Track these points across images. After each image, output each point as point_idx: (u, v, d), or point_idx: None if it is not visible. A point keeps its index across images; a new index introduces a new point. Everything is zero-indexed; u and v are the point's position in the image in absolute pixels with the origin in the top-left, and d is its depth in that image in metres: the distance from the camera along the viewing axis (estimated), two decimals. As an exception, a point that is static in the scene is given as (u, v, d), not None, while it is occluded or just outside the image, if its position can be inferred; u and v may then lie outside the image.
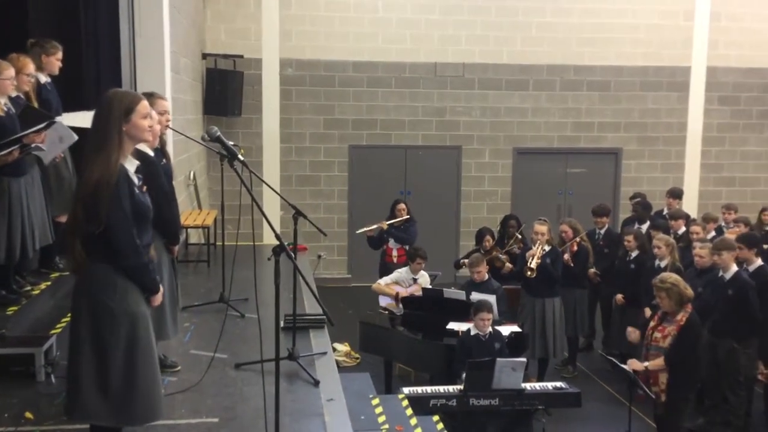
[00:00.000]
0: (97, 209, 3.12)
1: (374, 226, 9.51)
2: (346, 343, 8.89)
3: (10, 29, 5.90)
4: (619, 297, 8.29)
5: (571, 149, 13.03)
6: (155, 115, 4.28)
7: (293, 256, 3.70)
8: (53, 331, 5.00)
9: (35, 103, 5.39)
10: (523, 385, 6.36)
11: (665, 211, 10.01)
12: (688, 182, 13.06)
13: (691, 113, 13.15)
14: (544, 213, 9.68)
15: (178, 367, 4.85)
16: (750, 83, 13.19)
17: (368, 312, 8.26)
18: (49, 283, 5.80)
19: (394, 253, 9.36)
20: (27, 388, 4.37)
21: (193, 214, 8.94)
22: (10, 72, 5.02)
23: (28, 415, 4.02)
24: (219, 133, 3.90)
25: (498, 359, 6.24)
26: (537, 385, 6.68)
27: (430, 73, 12.53)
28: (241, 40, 11.97)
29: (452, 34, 12.47)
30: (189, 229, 8.51)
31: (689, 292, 5.97)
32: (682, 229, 8.85)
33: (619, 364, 6.16)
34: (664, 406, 5.97)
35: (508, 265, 8.65)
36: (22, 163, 5.06)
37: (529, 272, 7.83)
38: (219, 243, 7.80)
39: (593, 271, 8.84)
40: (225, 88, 11.45)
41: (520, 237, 9.16)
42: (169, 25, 8.08)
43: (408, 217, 9.39)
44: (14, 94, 5.18)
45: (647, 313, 7.15)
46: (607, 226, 9.29)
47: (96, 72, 6.87)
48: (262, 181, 4.23)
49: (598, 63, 12.78)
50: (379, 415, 5.57)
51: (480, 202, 12.93)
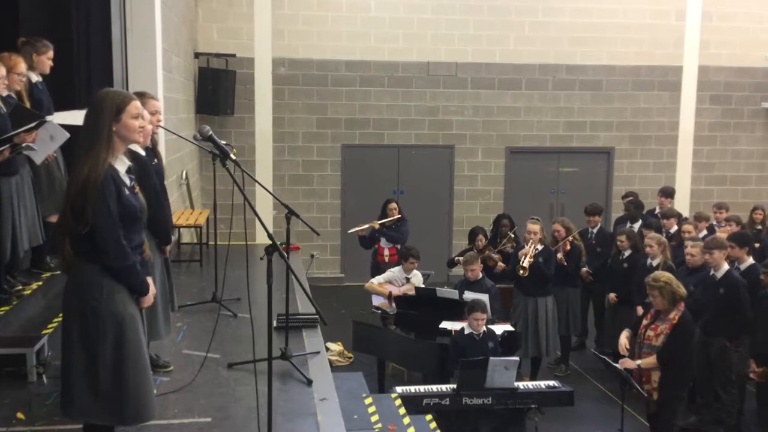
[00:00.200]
0: (84, 209, 3.12)
1: (366, 226, 9.51)
2: (339, 343, 8.88)
3: (1, 28, 5.89)
4: (612, 296, 8.32)
5: (564, 148, 13.06)
6: (147, 115, 4.25)
7: (286, 255, 3.69)
8: (45, 332, 4.98)
9: (27, 103, 5.36)
10: (516, 384, 6.37)
11: (657, 210, 10.05)
12: (679, 181, 13.10)
13: (683, 112, 13.19)
14: (536, 212, 9.68)
15: (171, 367, 4.84)
16: (741, 82, 13.24)
17: (361, 311, 8.25)
18: (41, 283, 5.77)
19: (386, 253, 9.38)
20: (18, 389, 4.34)
21: (186, 213, 8.92)
22: (1, 71, 5.01)
23: (20, 416, 4.01)
24: (211, 133, 3.88)
25: (491, 358, 6.25)
26: (530, 384, 6.69)
27: (423, 73, 12.53)
28: (234, 39, 11.94)
29: (445, 33, 12.47)
30: (181, 229, 8.48)
31: (682, 290, 5.99)
32: (674, 228, 8.88)
33: (612, 363, 6.17)
34: (657, 404, 5.99)
35: (501, 264, 8.67)
36: (13, 163, 5.04)
37: (521, 271, 7.84)
38: (211, 242, 7.79)
39: (586, 270, 8.87)
40: (217, 87, 11.42)
41: (513, 236, 9.18)
42: (161, 23, 8.05)
43: (399, 216, 9.40)
44: (5, 93, 5.16)
45: (639, 311, 7.18)
46: (599, 225, 9.32)
47: (87, 71, 6.84)
48: (255, 181, 4.22)
49: (591, 62, 12.81)
50: (372, 414, 5.57)
51: (473, 201, 12.94)
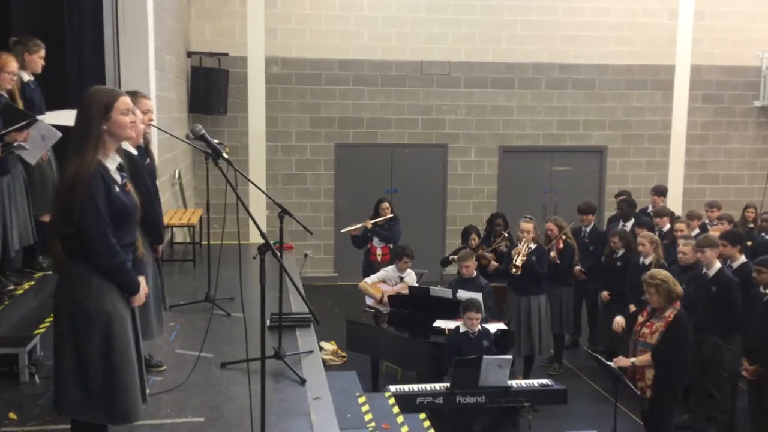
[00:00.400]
0: (72, 207, 3.11)
1: (358, 225, 9.50)
2: (333, 342, 8.88)
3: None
4: (605, 294, 8.35)
5: (557, 147, 13.09)
6: (139, 114, 4.25)
7: (279, 254, 3.69)
8: (37, 331, 4.96)
9: (19, 102, 5.34)
10: (510, 383, 6.38)
11: (650, 209, 10.07)
12: (672, 180, 13.13)
13: (675, 111, 13.22)
14: (529, 211, 9.70)
15: (164, 367, 4.83)
16: (733, 81, 13.28)
17: (354, 310, 8.25)
18: (33, 283, 5.76)
19: (378, 252, 9.38)
20: (11, 389, 4.33)
21: (179, 212, 8.90)
22: (-7, 70, 5.00)
23: (12, 416, 3.99)
24: (203, 132, 3.88)
25: (484, 357, 6.26)
26: (523, 383, 6.69)
27: (416, 72, 12.53)
28: (227, 38, 11.92)
29: (438, 32, 12.48)
30: (174, 228, 8.47)
31: (678, 288, 5.97)
32: (667, 227, 8.90)
33: (605, 361, 6.18)
34: (650, 402, 6.00)
35: (494, 263, 8.68)
36: (5, 163, 5.03)
37: (514, 270, 7.85)
38: (204, 242, 7.76)
39: (579, 268, 8.89)
40: (210, 87, 11.40)
41: (507, 236, 9.19)
42: (154, 22, 8.02)
43: (392, 216, 9.40)
44: (-3, 92, 5.14)
45: (631, 309, 7.20)
46: (592, 224, 9.33)
47: (79, 70, 6.81)
48: (248, 180, 4.21)
49: (583, 61, 12.84)
50: (366, 413, 5.57)
51: (466, 200, 12.95)
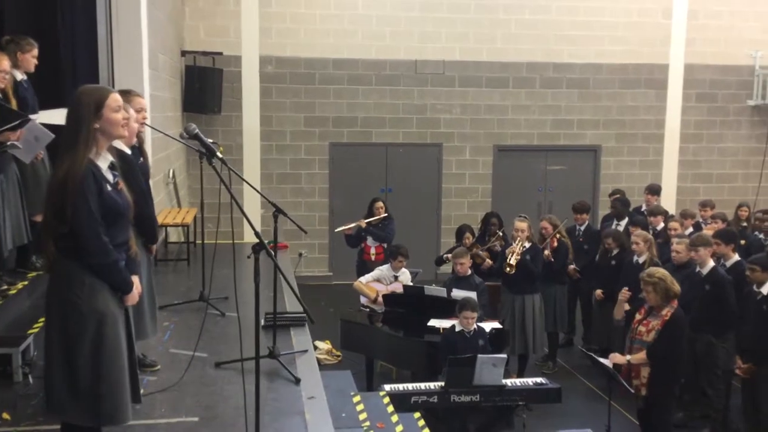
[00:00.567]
0: (64, 207, 3.10)
1: (352, 225, 9.49)
2: (327, 341, 8.87)
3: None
4: (599, 292, 8.35)
5: (551, 146, 13.10)
6: (133, 112, 4.23)
7: (273, 254, 3.68)
8: (30, 331, 4.95)
9: (12, 101, 5.32)
10: (504, 381, 6.38)
11: (644, 208, 10.09)
12: (666, 179, 13.16)
13: (669, 110, 13.26)
14: (524, 210, 9.70)
15: (158, 366, 4.82)
16: (727, 80, 13.32)
17: (349, 309, 8.24)
18: (26, 283, 5.74)
19: (372, 251, 9.37)
20: (4, 389, 4.32)
21: (173, 212, 8.88)
22: (-14, 69, 4.98)
23: (5, 416, 3.98)
24: (197, 131, 3.87)
25: (479, 355, 6.26)
26: (517, 381, 6.71)
27: (411, 71, 12.53)
28: (221, 37, 11.90)
29: (432, 31, 12.48)
30: (168, 228, 8.45)
31: (676, 287, 5.96)
32: (661, 225, 8.92)
33: (599, 360, 6.18)
34: (646, 401, 6.01)
35: (488, 261, 8.68)
36: (-2, 162, 5.01)
37: (508, 268, 7.86)
38: (199, 241, 7.75)
39: (573, 267, 8.90)
40: (204, 86, 11.38)
41: (501, 235, 9.19)
42: (147, 21, 8.01)
43: (386, 215, 9.40)
44: (-11, 91, 5.12)
45: (627, 308, 7.21)
46: (587, 223, 9.34)
47: (73, 69, 6.80)
48: (242, 179, 4.21)
49: (578, 60, 12.86)
50: (361, 412, 5.57)
51: (461, 199, 12.96)
